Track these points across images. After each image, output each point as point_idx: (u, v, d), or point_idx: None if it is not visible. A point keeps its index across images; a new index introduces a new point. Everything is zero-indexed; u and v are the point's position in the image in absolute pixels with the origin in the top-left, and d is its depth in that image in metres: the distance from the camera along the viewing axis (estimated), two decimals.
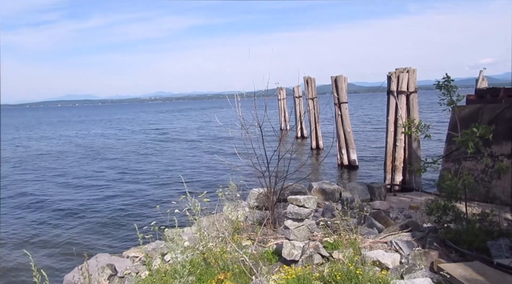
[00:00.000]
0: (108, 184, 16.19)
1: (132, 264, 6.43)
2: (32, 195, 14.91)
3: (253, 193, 8.21)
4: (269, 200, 6.67)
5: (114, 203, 13.17)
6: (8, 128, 60.12)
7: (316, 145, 22.40)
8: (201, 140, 31.63)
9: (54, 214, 12.15)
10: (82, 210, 12.40)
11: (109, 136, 40.41)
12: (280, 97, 32.95)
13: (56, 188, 16.02)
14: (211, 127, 44.18)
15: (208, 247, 4.80)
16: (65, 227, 10.87)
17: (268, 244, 5.55)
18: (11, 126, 67.55)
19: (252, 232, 6.17)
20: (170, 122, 61.33)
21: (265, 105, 6.91)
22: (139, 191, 14.72)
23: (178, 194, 6.25)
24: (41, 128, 59.86)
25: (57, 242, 9.73)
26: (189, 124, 52.45)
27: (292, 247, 4.65)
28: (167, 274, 4.67)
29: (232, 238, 5.17)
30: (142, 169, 19.51)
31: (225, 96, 7.25)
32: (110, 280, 5.89)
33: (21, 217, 11.92)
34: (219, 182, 13.72)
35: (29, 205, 13.34)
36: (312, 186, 9.55)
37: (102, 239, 9.97)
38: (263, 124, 6.79)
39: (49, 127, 63.04)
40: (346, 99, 16.12)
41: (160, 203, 9.79)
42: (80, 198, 14.09)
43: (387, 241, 5.21)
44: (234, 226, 5.80)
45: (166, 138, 34.46)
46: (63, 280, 6.25)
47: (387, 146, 11.87)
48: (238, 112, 6.78)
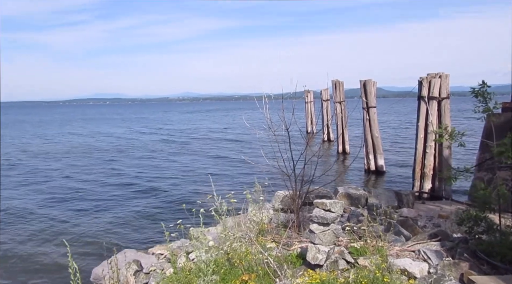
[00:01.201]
0: (135, 182, 16.52)
1: (157, 261, 6.54)
2: (61, 189, 15.40)
3: (278, 195, 8.19)
4: (294, 203, 6.64)
5: (140, 200, 13.43)
6: (44, 124, 62.44)
7: (343, 149, 22.15)
8: (226, 141, 31.84)
9: (81, 209, 12.49)
10: (109, 206, 12.70)
11: (135, 134, 41.23)
12: (307, 100, 32.79)
13: (83, 183, 16.46)
14: (237, 129, 44.43)
15: (232, 247, 4.82)
16: (92, 222, 11.15)
17: (292, 247, 5.52)
18: (48, 122, 70.01)
19: (276, 234, 6.16)
20: (197, 122, 62.03)
21: (293, 107, 6.90)
22: (165, 189, 14.95)
23: (203, 193, 6.32)
24: (72, 125, 61.67)
25: (84, 237, 10.01)
26: (215, 125, 52.90)
27: (317, 251, 4.61)
28: (192, 273, 4.72)
29: (257, 240, 5.17)
30: (168, 167, 19.82)
31: (251, 97, 7.27)
32: (136, 276, 6.00)
33: (50, 212, 12.31)
34: (244, 183, 13.79)
35: (57, 200, 13.76)
36: (338, 190, 9.44)
37: (128, 235, 10.18)
38: (290, 127, 6.77)
39: (80, 124, 64.90)
40: (375, 104, 15.88)
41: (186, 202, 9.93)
42: (107, 194, 14.43)
43: (415, 250, 5.09)
44: (258, 228, 5.80)
45: (192, 139, 34.87)
46: (91, 273, 6.43)
47: (416, 152, 11.61)
48: (265, 114, 6.78)
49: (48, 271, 8.17)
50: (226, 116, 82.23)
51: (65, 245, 4.34)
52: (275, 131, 6.79)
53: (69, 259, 4.10)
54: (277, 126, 6.84)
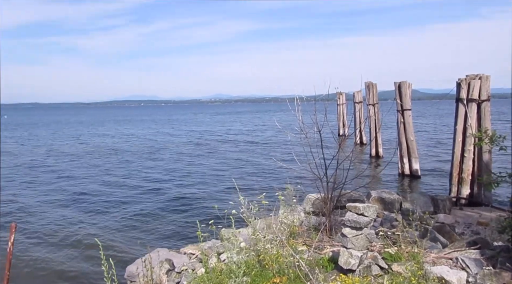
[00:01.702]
0: (166, 183, 16.83)
1: (189, 261, 6.63)
2: (92, 190, 15.89)
3: (309, 198, 8.12)
4: (326, 206, 6.57)
5: (171, 201, 13.65)
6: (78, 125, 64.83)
7: (376, 152, 21.69)
8: (256, 143, 31.91)
9: (113, 209, 12.82)
10: (140, 206, 12.98)
11: (165, 136, 42.02)
12: (339, 102, 32.37)
13: (114, 184, 16.90)
14: (267, 131, 44.45)
15: (263, 249, 4.81)
16: (125, 222, 11.44)
17: (323, 250, 5.45)
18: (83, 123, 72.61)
19: (307, 237, 6.11)
20: (227, 124, 62.52)
21: (325, 109, 6.83)
22: (195, 190, 15.13)
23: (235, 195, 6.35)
24: (106, 126, 63.57)
25: (117, 235, 10.27)
26: (245, 127, 53.14)
27: (350, 256, 4.53)
28: (223, 273, 4.75)
29: (288, 242, 5.14)
30: (198, 169, 20.06)
31: (282, 99, 7.26)
32: (168, 275, 6.10)
33: (82, 212, 12.72)
34: (276, 185, 13.77)
35: (88, 200, 14.19)
36: (370, 194, 9.25)
37: (160, 234, 10.36)
38: (322, 130, 6.70)
39: (114, 125, 66.81)
40: (410, 106, 15.46)
41: (217, 203, 10.03)
42: (138, 194, 14.76)
43: (452, 257, 4.90)
44: (289, 230, 5.77)
45: (222, 140, 35.17)
46: (125, 271, 6.59)
47: (454, 157, 11.20)
48: (297, 116, 6.75)
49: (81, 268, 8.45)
50: (256, 118, 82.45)
51: (97, 243, 4.47)
52: (307, 133, 6.74)
53: (102, 256, 4.22)
54: (309, 129, 6.79)
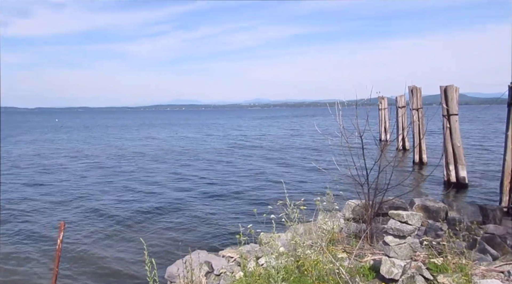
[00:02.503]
0: (206, 185, 17.07)
1: (227, 264, 6.68)
2: (133, 190, 16.39)
3: (349, 205, 7.97)
4: (367, 213, 6.41)
5: (210, 203, 13.84)
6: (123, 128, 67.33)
7: (419, 158, 20.94)
8: (294, 148, 31.73)
9: (153, 210, 13.14)
10: (179, 208, 13.23)
11: (204, 139, 42.71)
12: (381, 107, 31.61)
13: (154, 185, 17.35)
14: (305, 135, 44.13)
15: (303, 255, 4.76)
16: (165, 222, 11.72)
17: (364, 258, 5.32)
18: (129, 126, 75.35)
19: (347, 244, 5.98)
20: (264, 128, 62.65)
21: (367, 114, 6.70)
22: (234, 194, 15.25)
23: (273, 199, 6.33)
24: (147, 129, 65.52)
25: (157, 237, 10.52)
26: (283, 131, 53.01)
27: (392, 265, 4.39)
28: (261, 278, 4.75)
29: (327, 249, 5.06)
30: (236, 172, 20.20)
31: (322, 104, 7.19)
32: (207, 277, 6.18)
33: (125, 212, 13.13)
34: (315, 190, 13.62)
35: (130, 200, 14.64)
36: (414, 201, 8.94)
37: (198, 236, 10.52)
38: (363, 134, 6.57)
39: (155, 128, 68.74)
40: (457, 111, 14.81)
41: (256, 207, 10.05)
42: (179, 196, 15.07)
43: (504, 271, 4.63)
44: (329, 237, 5.68)
45: (262, 144, 35.27)
46: (165, 271, 6.75)
47: (505, 164, 10.60)
48: (338, 120, 6.65)
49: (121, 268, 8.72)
50: (294, 123, 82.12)
51: (142, 242, 4.60)
52: (347, 138, 6.63)
53: (145, 256, 4.34)
54: (350, 134, 6.67)
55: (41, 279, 8.08)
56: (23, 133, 56.74)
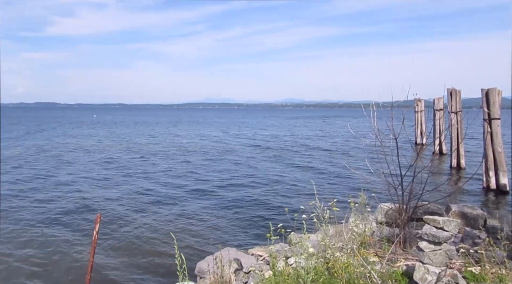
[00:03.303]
0: (237, 184, 17.18)
1: (256, 262, 6.70)
2: (161, 186, 16.71)
3: (382, 208, 7.79)
4: (401, 217, 6.25)
5: (241, 201, 13.92)
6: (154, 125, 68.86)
7: (457, 163, 20.20)
8: (328, 149, 31.36)
9: (183, 205, 13.38)
10: (209, 205, 13.39)
11: (236, 137, 42.95)
12: (417, 109, 30.73)
13: (182, 182, 17.61)
14: (336, 137, 43.53)
15: (333, 257, 4.70)
16: (195, 218, 11.88)
17: (397, 263, 5.19)
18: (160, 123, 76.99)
19: (379, 248, 5.86)
20: (296, 128, 62.28)
21: (403, 116, 6.53)
22: (265, 193, 15.26)
23: (304, 199, 6.30)
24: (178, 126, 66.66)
25: (187, 233, 10.68)
26: (314, 132, 52.50)
27: (426, 272, 4.25)
28: (290, 278, 4.73)
29: (358, 252, 4.97)
30: (266, 172, 20.19)
31: (356, 105, 7.07)
32: (236, 274, 6.22)
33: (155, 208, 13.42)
34: (346, 192, 13.43)
35: (160, 197, 14.93)
36: (450, 207, 8.61)
37: (228, 234, 10.61)
38: (398, 137, 6.41)
39: (186, 126, 69.81)
40: (499, 115, 14.18)
41: (288, 206, 10.03)
42: (209, 193, 15.25)
43: None
44: (360, 240, 5.58)
45: (291, 144, 35.10)
46: (195, 267, 6.85)
47: None
48: (373, 122, 6.52)
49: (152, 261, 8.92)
50: (327, 123, 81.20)
51: (172, 237, 4.68)
52: (381, 140, 6.49)
53: (176, 250, 4.42)
54: (385, 136, 6.53)
55: (78, 269, 8.39)
56: (63, 127, 59.17)
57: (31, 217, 11.98)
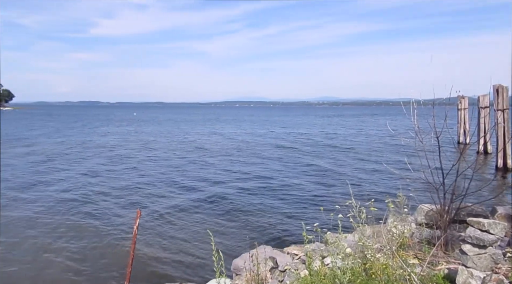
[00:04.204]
0: (273, 181, 17.20)
1: (292, 261, 6.68)
2: (202, 181, 16.97)
3: (422, 209, 7.55)
4: (442, 218, 6.03)
5: (277, 199, 13.93)
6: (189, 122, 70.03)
7: (504, 163, 19.22)
8: (365, 147, 30.75)
9: (219, 203, 13.54)
10: (245, 203, 13.49)
11: (270, 134, 42.91)
12: (460, 107, 29.49)
13: (214, 180, 17.81)
14: (372, 136, 42.56)
15: (371, 258, 4.62)
16: (231, 215, 12.02)
17: (438, 266, 5.02)
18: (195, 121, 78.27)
19: (419, 250, 5.69)
20: (331, 126, 61.43)
21: (446, 114, 6.29)
22: (301, 191, 15.20)
23: (341, 199, 6.20)
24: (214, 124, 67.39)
25: (224, 228, 10.83)
26: (348, 131, 51.55)
27: (470, 276, 4.09)
28: (326, 277, 4.68)
29: (397, 253, 4.85)
30: (304, 170, 20.09)
31: (395, 103, 6.89)
32: (272, 272, 6.24)
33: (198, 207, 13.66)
34: (385, 192, 13.13)
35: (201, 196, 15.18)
36: (496, 210, 8.20)
37: (264, 232, 10.65)
38: (440, 136, 6.19)
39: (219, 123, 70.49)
40: None
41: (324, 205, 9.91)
42: (245, 191, 15.35)
43: None
44: (399, 241, 5.44)
45: (326, 142, 34.67)
46: (231, 264, 6.93)
47: None
48: (413, 120, 6.33)
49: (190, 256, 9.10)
50: (361, 122, 79.53)
51: (209, 234, 4.76)
52: (422, 139, 6.29)
53: (213, 247, 4.49)
54: (425, 134, 6.32)
55: (119, 262, 8.71)
56: (106, 125, 61.44)
57: (69, 210, 12.54)
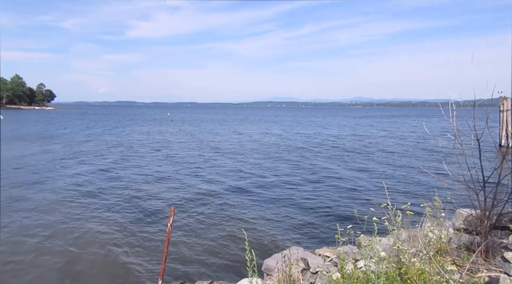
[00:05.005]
0: (304, 182, 17.10)
1: (324, 263, 6.61)
2: (235, 180, 17.07)
3: (461, 213, 7.29)
4: (482, 224, 5.80)
5: (310, 200, 13.83)
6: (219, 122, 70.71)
7: None
8: (399, 149, 30.00)
9: (249, 204, 13.58)
10: (277, 203, 13.46)
11: (304, 136, 42.64)
12: (503, 108, 28.24)
13: (254, 181, 17.86)
14: (410, 137, 41.45)
15: (407, 263, 4.50)
16: (263, 214, 12.03)
17: (477, 274, 4.83)
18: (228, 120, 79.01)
19: (457, 256, 5.49)
20: (366, 128, 60.32)
21: (487, 116, 6.04)
22: (334, 193, 15.02)
23: (376, 201, 6.09)
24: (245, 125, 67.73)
25: (255, 228, 10.85)
26: (384, 132, 50.43)
27: None
28: (359, 281, 4.60)
29: (435, 259, 4.70)
30: (337, 171, 19.84)
31: (432, 104, 6.67)
32: (303, 274, 6.20)
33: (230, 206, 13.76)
34: (421, 195, 12.76)
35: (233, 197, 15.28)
36: None
37: (295, 233, 10.60)
38: (481, 138, 5.94)
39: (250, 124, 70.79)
40: None
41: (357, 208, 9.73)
42: (276, 193, 15.32)
43: None
44: (437, 246, 5.27)
45: (359, 144, 34.07)
46: (263, 264, 6.94)
47: None
48: (452, 122, 6.12)
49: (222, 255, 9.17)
50: (398, 123, 77.65)
51: (243, 233, 4.79)
52: (461, 141, 6.06)
53: (246, 246, 4.52)
54: (465, 137, 6.09)
55: (152, 259, 8.92)
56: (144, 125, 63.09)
57: (103, 208, 12.93)
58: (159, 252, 9.04)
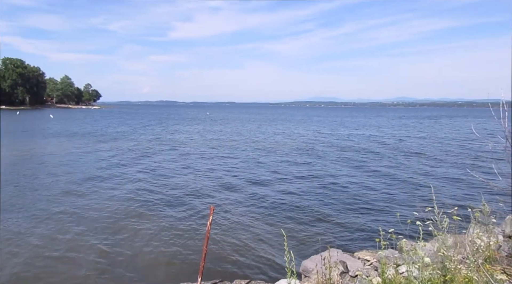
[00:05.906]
0: (344, 184, 16.82)
1: (363, 267, 6.49)
2: (276, 181, 17.05)
3: (511, 220, 6.92)
4: None
5: (350, 203, 13.59)
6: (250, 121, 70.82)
7: None
8: (444, 151, 28.85)
9: (293, 206, 13.51)
10: (317, 205, 13.33)
11: (342, 136, 41.95)
12: None
13: (293, 181, 17.75)
14: (446, 139, 39.76)
15: (455, 270, 4.32)
16: (301, 216, 11.94)
17: None
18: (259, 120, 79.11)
19: (507, 265, 5.21)
20: (408, 129, 58.43)
21: None
22: (376, 195, 14.68)
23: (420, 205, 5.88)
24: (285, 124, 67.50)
25: (294, 229, 10.79)
26: (426, 133, 48.59)
27: None
28: None
29: (483, 267, 4.49)
30: (378, 174, 19.37)
31: (479, 104, 6.35)
32: (342, 277, 6.10)
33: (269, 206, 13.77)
34: (468, 199, 12.23)
35: (272, 197, 15.27)
36: None
37: (334, 234, 10.45)
38: None
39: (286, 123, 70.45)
40: None
41: (399, 211, 9.48)
42: (316, 194, 15.17)
43: None
44: (485, 254, 5.03)
45: (405, 146, 33.05)
46: (301, 265, 6.90)
47: None
48: (503, 123, 5.80)
49: (260, 255, 9.20)
50: (441, 123, 74.65)
51: (282, 234, 4.78)
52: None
53: (285, 248, 4.51)
54: None
55: (191, 256, 9.09)
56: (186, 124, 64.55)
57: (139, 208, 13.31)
58: (198, 250, 9.20)
